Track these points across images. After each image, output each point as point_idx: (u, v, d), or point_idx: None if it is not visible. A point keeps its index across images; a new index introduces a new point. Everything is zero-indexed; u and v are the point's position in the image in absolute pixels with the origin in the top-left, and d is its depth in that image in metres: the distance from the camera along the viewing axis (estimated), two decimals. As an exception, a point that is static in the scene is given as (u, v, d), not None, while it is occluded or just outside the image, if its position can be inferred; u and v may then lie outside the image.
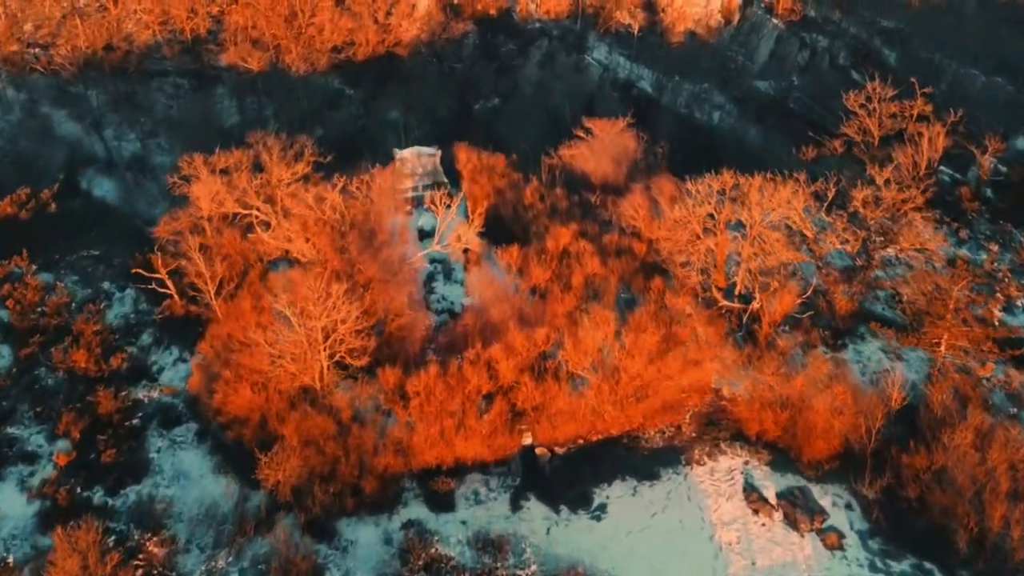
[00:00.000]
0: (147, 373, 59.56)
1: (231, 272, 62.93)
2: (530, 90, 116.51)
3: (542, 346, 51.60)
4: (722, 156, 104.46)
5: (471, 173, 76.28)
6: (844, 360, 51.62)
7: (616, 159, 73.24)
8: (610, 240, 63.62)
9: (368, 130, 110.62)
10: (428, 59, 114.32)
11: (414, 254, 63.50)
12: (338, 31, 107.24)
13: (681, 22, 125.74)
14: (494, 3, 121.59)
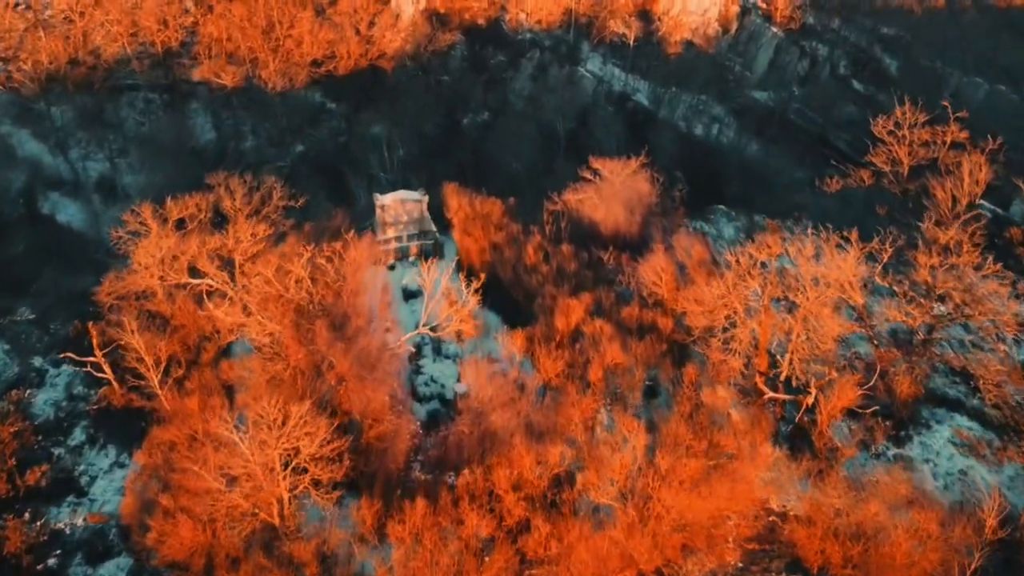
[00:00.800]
0: (75, 486, 48.13)
1: (183, 348, 53.06)
2: (521, 104, 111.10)
3: (556, 467, 42.59)
4: (726, 177, 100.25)
5: (463, 222, 66.89)
6: (911, 458, 43.46)
7: (629, 205, 63.19)
8: (630, 314, 52.85)
9: (350, 147, 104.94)
10: (413, 72, 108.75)
11: (396, 339, 52.16)
12: (318, 44, 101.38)
13: (677, 31, 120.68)
14: (483, 12, 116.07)
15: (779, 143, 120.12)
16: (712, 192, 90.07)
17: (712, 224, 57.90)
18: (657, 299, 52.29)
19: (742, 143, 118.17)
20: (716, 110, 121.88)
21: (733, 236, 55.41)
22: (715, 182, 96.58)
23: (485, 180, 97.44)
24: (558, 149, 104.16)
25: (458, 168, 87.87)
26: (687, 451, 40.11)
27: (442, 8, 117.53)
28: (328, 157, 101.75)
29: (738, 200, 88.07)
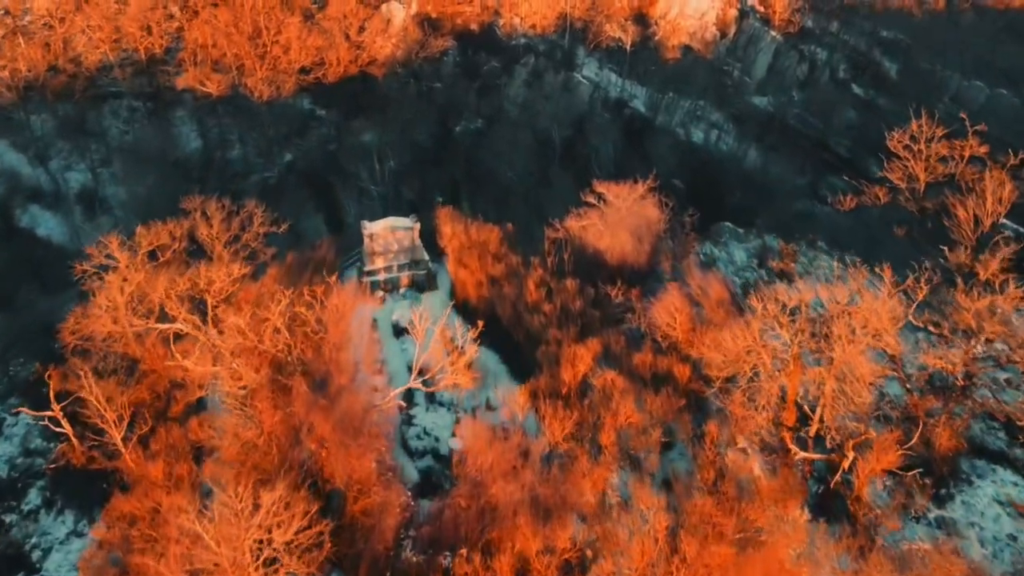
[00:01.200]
0: (25, 561, 42.19)
1: (152, 396, 47.16)
2: (515, 111, 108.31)
3: (566, 553, 37.25)
4: (727, 185, 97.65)
5: (457, 252, 61.05)
6: (954, 521, 38.13)
7: (636, 233, 57.23)
8: (642, 361, 46.90)
9: (340, 156, 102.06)
10: (405, 79, 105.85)
11: (384, 395, 45.91)
12: (306, 50, 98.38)
13: (675, 36, 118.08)
14: (476, 17, 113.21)
15: (779, 149, 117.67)
16: (713, 202, 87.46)
17: (722, 247, 53.65)
18: (672, 342, 46.96)
19: (742, 150, 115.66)
20: (715, 116, 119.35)
21: (745, 261, 51.44)
22: (716, 191, 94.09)
23: (479, 190, 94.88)
24: (553, 157, 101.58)
25: (451, 179, 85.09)
26: (713, 530, 35.85)
27: (434, 13, 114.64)
28: (317, 167, 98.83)
29: (740, 211, 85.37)
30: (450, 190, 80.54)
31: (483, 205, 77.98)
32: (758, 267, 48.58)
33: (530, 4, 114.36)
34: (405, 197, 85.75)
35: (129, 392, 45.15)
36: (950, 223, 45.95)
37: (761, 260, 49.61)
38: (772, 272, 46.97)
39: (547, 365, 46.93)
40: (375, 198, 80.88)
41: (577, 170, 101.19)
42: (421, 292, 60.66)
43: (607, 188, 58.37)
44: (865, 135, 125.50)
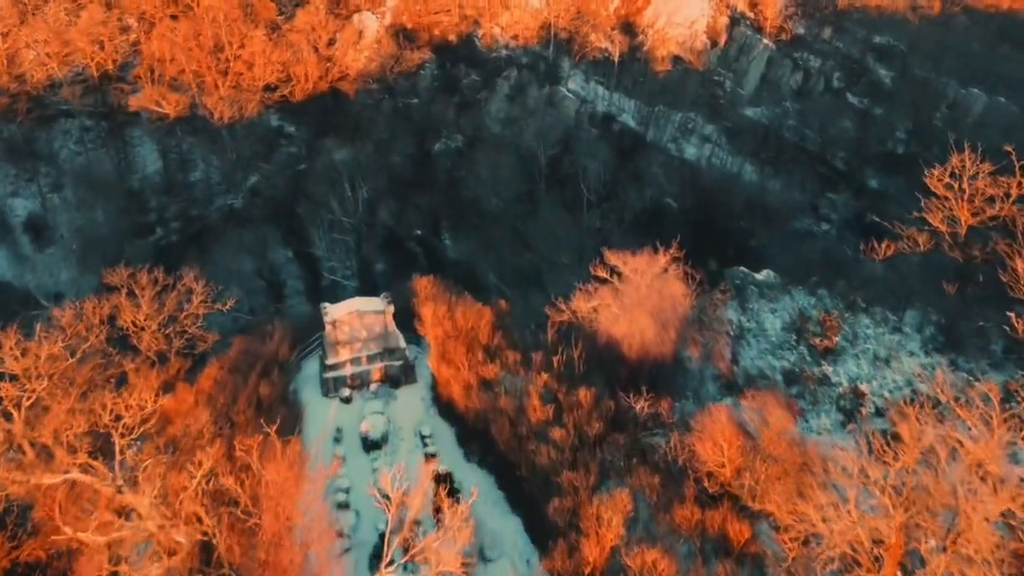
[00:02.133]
0: None
1: (48, 555, 33.80)
2: (497, 128, 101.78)
3: None
4: (726, 207, 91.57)
5: (441, 343, 48.96)
6: None
7: (659, 317, 45.83)
8: (686, 518, 35.07)
9: (310, 180, 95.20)
10: (379, 95, 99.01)
11: None
12: (271, 66, 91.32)
13: (663, 45, 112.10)
14: (453, 28, 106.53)
15: (775, 164, 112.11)
16: (714, 229, 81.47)
17: (750, 314, 45.18)
18: (721, 482, 35.69)
19: (737, 165, 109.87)
20: (707, 129, 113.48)
21: (780, 334, 42.51)
22: (715, 214, 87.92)
23: (460, 220, 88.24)
24: (539, 177, 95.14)
25: (429, 207, 78.40)
26: None
27: (409, 23, 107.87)
28: (284, 192, 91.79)
29: (746, 241, 79.48)
30: (429, 221, 73.86)
31: (465, 238, 71.45)
32: (796, 342, 41.59)
33: (511, 14, 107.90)
34: (380, 228, 78.97)
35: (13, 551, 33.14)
36: (1007, 276, 39.91)
37: (799, 333, 42.49)
38: (815, 351, 40.06)
39: (563, 527, 35.60)
40: (347, 230, 74.01)
41: (565, 193, 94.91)
42: (396, 387, 50.51)
43: (621, 260, 47.84)
44: (862, 146, 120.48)
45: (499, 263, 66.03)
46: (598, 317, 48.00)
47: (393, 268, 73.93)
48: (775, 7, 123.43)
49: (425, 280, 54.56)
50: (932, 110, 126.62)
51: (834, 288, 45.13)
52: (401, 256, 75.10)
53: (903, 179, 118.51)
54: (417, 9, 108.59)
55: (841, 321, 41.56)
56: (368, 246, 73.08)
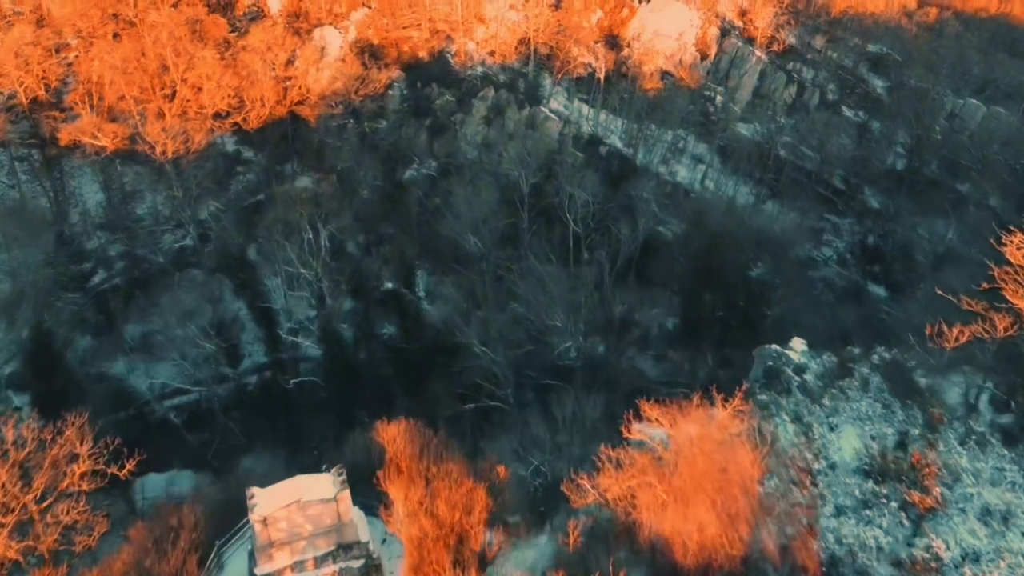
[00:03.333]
0: None
1: None
2: (474, 153, 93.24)
3: None
4: (727, 240, 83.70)
5: (418, 542, 36.62)
6: None
7: (723, 504, 32.80)
8: None
9: (269, 211, 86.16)
10: (343, 118, 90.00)
11: None
12: (222, 90, 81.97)
13: (650, 59, 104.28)
14: (424, 44, 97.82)
15: (771, 185, 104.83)
16: (715, 267, 73.49)
17: (808, 437, 33.34)
18: None
19: (731, 187, 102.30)
20: (699, 148, 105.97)
21: (861, 481, 31.42)
22: (713, 244, 79.95)
23: (437, 267, 79.66)
24: (522, 206, 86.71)
25: (399, 253, 69.60)
26: None
27: (376, 39, 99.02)
28: (240, 230, 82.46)
29: (748, 278, 71.53)
30: (401, 268, 64.94)
31: (443, 288, 62.90)
32: (886, 497, 32.07)
33: (487, 27, 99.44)
34: (345, 278, 70.02)
35: None
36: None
37: (882, 474, 33.05)
38: (911, 509, 30.77)
39: None
40: (302, 286, 64.89)
41: (551, 227, 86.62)
42: None
43: (667, 418, 34.50)
44: (861, 163, 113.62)
45: (483, 324, 57.46)
46: (637, 502, 35.13)
47: (360, 332, 65.10)
48: (767, 17, 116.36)
49: (394, 429, 40.88)
50: (930, 122, 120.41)
51: (902, 393, 36.84)
52: (370, 314, 66.20)
53: (906, 198, 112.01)
54: (384, 23, 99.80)
55: (933, 456, 32.74)
56: (332, 302, 64.21)
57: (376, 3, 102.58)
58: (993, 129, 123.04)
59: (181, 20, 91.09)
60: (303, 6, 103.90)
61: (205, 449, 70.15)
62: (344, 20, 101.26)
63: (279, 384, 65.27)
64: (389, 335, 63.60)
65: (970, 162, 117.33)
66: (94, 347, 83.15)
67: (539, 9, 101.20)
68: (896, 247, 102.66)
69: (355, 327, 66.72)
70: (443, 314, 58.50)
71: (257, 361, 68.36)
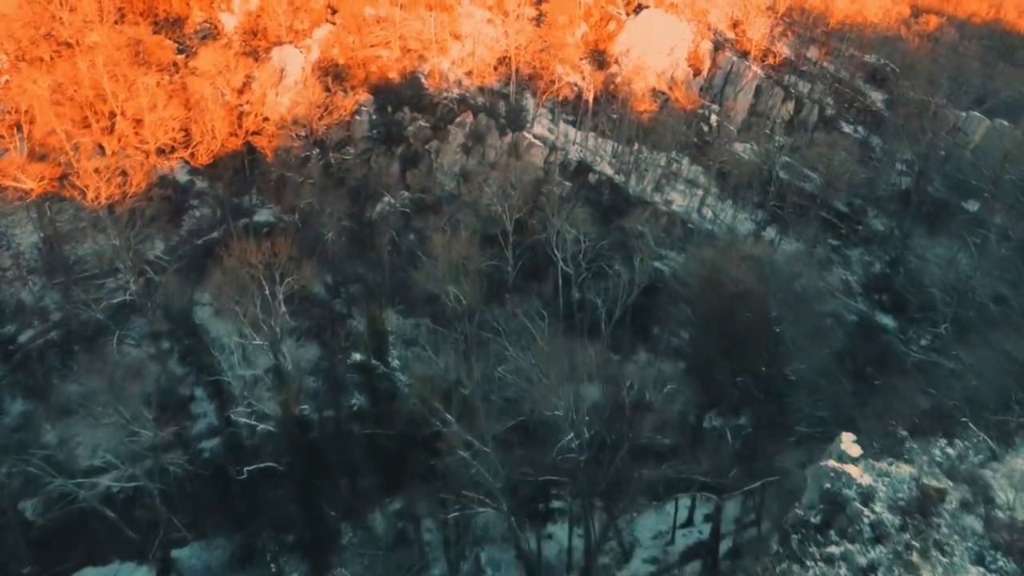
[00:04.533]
0: None
1: None
2: (452, 184, 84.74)
3: None
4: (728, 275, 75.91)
5: None
6: None
7: None
8: None
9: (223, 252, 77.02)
10: (306, 148, 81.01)
11: None
12: (165, 123, 72.75)
13: (641, 77, 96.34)
14: (395, 64, 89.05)
15: (772, 211, 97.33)
16: (724, 315, 65.34)
17: None
18: None
19: (731, 215, 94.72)
20: (694, 171, 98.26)
21: None
22: (718, 281, 71.94)
23: (410, 320, 71.30)
24: (506, 243, 78.43)
25: (369, 311, 60.73)
26: None
27: (342, 58, 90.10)
28: (189, 278, 73.26)
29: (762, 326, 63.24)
30: (372, 335, 55.91)
31: (419, 363, 54.23)
32: None
33: (463, 45, 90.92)
34: (307, 345, 61.22)
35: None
36: None
37: None
38: None
39: None
40: (263, 352, 55.83)
41: (539, 268, 78.47)
42: None
43: None
44: (866, 186, 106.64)
45: (467, 407, 48.85)
46: None
47: (325, 410, 56.22)
48: (761, 28, 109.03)
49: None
50: (933, 138, 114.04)
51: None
52: (337, 388, 57.19)
53: (912, 221, 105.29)
54: (350, 42, 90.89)
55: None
56: (293, 372, 55.20)
57: (341, 19, 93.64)
58: (997, 143, 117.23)
59: (122, 41, 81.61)
60: (261, 23, 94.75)
61: (148, 537, 61.00)
62: (306, 38, 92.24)
63: (232, 466, 56.19)
64: (360, 412, 54.92)
65: (976, 179, 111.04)
66: (26, 413, 73.81)
67: (519, 24, 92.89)
68: (906, 275, 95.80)
69: (319, 404, 57.83)
70: (420, 392, 49.98)
71: (206, 442, 59.16)
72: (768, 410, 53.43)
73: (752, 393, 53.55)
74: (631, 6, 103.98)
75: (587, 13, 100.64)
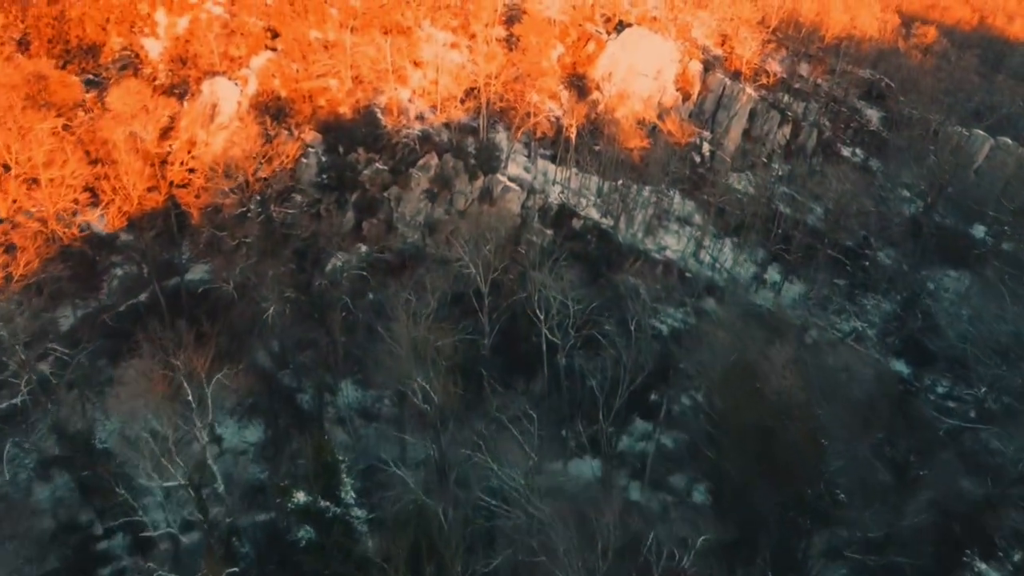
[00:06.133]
0: None
1: None
2: (415, 237, 73.21)
3: None
4: (741, 346, 65.32)
5: None
6: None
7: None
8: None
9: (154, 311, 65.00)
10: (242, 202, 68.76)
11: None
12: (66, 185, 60.11)
13: (625, 103, 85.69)
14: (347, 98, 77.15)
15: (775, 253, 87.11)
16: (749, 409, 54.69)
17: None
18: None
19: (730, 259, 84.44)
20: (687, 208, 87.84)
21: None
22: (735, 359, 61.36)
23: (370, 382, 59.62)
24: (480, 307, 67.19)
25: (318, 415, 48.98)
26: None
27: (284, 91, 78.03)
28: (100, 374, 60.76)
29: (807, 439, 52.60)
30: (316, 470, 43.61)
31: (386, 503, 42.71)
32: None
33: (424, 74, 79.39)
34: (241, 480, 49.07)
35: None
36: None
37: None
38: None
39: None
40: (184, 485, 43.52)
41: (521, 342, 67.28)
42: None
43: None
44: (875, 218, 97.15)
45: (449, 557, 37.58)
46: None
47: (264, 556, 44.20)
48: (753, 45, 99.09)
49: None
50: (934, 157, 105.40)
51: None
52: (278, 533, 45.17)
53: (923, 253, 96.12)
54: (293, 71, 78.83)
55: None
56: (223, 525, 43.34)
57: (283, 44, 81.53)
58: (1001, 162, 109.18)
59: (19, 78, 68.65)
60: (190, 49, 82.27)
61: None
62: (242, 67, 79.97)
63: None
64: (308, 546, 43.10)
65: (982, 203, 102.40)
66: None
67: (488, 47, 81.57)
68: (926, 320, 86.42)
69: (257, 546, 45.81)
70: (384, 549, 38.62)
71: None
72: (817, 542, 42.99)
73: (798, 524, 43.04)
74: (611, 24, 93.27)
75: (563, 32, 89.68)
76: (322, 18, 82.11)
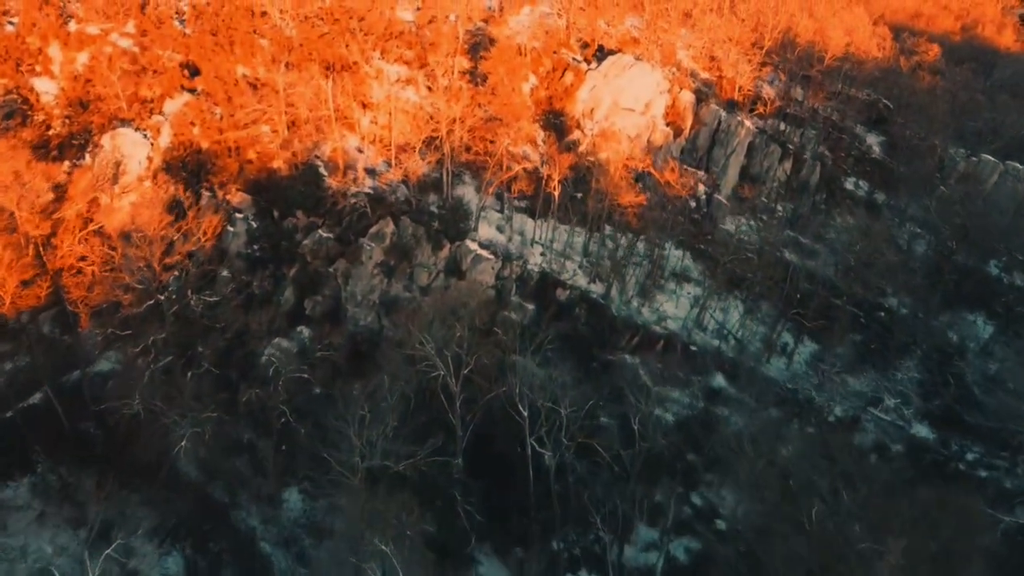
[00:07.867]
0: None
1: None
2: (367, 320, 60.17)
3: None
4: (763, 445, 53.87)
5: None
6: None
7: None
8: None
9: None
10: (147, 293, 54.98)
11: None
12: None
13: (609, 143, 73.73)
14: (282, 151, 63.72)
15: (788, 315, 75.74)
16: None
17: None
18: None
19: (737, 326, 72.91)
20: (685, 264, 76.25)
21: None
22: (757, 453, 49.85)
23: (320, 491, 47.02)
24: (451, 410, 54.73)
25: None
26: None
27: (205, 142, 64.40)
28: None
29: None
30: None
31: None
32: None
33: (375, 117, 66.43)
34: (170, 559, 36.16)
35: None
36: None
37: None
38: None
39: None
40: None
41: (502, 453, 54.90)
42: None
43: None
44: (883, 260, 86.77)
45: None
46: None
47: None
48: (747, 68, 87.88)
49: None
50: (942, 188, 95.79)
51: None
52: None
53: (943, 299, 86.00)
54: (216, 118, 65.24)
55: None
56: None
57: (203, 84, 67.93)
58: (1011, 189, 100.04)
59: None
60: (92, 91, 68.27)
61: None
62: (154, 114, 66.21)
63: None
64: None
65: (996, 237, 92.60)
66: None
67: (449, 82, 68.89)
68: (959, 386, 76.21)
69: None
70: None
71: None
72: None
73: None
74: (589, 50, 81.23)
75: (535, 62, 77.36)
76: (250, 51, 68.67)
